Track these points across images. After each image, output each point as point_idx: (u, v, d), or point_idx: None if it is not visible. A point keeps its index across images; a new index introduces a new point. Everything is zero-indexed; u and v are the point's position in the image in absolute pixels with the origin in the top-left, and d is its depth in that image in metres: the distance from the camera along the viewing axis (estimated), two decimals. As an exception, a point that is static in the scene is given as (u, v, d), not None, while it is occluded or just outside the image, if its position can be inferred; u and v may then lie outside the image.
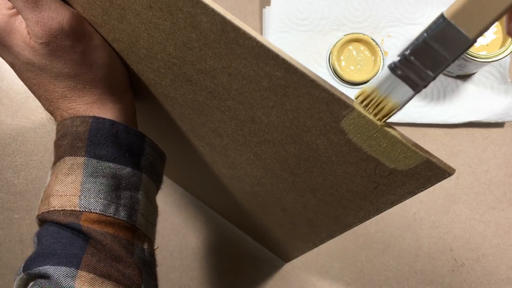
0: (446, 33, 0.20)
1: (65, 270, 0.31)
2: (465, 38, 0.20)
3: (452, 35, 0.20)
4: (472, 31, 0.20)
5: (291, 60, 0.22)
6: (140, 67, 0.35)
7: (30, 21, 0.31)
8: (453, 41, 0.20)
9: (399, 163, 0.23)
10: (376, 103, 0.22)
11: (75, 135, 0.34)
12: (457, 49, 0.20)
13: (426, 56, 0.20)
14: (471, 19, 0.19)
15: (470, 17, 0.19)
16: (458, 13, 0.19)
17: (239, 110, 0.30)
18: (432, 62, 0.20)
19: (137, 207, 0.36)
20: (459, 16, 0.20)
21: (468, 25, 0.20)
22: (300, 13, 0.67)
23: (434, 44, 0.20)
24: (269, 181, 0.38)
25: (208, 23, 0.23)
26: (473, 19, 0.19)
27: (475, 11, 0.19)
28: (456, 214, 0.66)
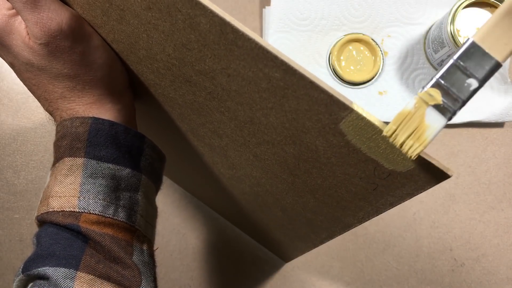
0: (474, 57, 0.20)
1: (64, 271, 0.31)
2: (494, 61, 0.20)
3: (480, 58, 0.20)
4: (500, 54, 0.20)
5: (290, 61, 0.22)
6: (139, 67, 0.35)
7: (29, 21, 0.31)
8: (480, 64, 0.20)
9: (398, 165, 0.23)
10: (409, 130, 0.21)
11: (75, 136, 0.34)
12: (486, 72, 0.20)
13: (454, 79, 0.21)
14: (498, 43, 0.20)
15: (497, 40, 0.20)
16: (486, 37, 0.20)
17: (238, 111, 0.30)
18: (460, 86, 0.21)
19: (136, 208, 0.36)
20: (487, 40, 0.20)
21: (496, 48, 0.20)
22: (300, 13, 0.66)
23: (463, 68, 0.20)
24: (269, 182, 0.38)
25: (207, 24, 0.23)
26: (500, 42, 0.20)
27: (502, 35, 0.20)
28: (456, 214, 0.66)
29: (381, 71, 0.66)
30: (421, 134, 0.21)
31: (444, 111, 0.21)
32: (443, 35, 0.60)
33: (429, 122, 0.21)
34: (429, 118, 0.21)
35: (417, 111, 0.21)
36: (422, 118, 0.21)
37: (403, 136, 0.21)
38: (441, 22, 0.62)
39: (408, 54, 0.66)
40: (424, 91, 0.21)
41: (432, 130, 0.21)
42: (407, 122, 0.21)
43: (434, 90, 0.21)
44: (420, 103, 0.21)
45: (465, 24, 0.60)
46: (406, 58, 0.66)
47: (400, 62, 0.66)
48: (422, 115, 0.21)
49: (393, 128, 0.21)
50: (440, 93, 0.21)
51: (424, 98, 0.21)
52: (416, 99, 0.21)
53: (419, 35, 0.67)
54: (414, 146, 0.21)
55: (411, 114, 0.21)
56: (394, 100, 0.66)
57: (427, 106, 0.21)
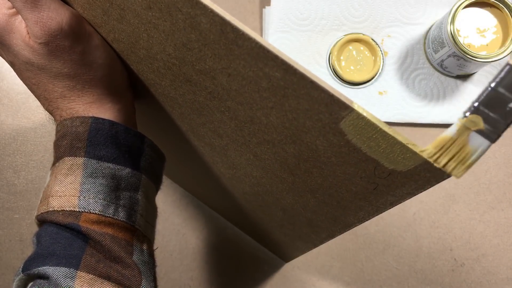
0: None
1: (64, 270, 0.31)
2: None
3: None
4: None
5: (290, 61, 0.22)
6: (139, 67, 0.35)
7: (29, 21, 0.31)
8: None
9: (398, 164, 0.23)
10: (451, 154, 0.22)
11: (75, 136, 0.34)
12: None
13: (495, 103, 0.21)
14: None
15: None
16: None
17: (238, 111, 0.30)
18: (501, 109, 0.21)
19: (136, 208, 0.36)
20: None
21: None
22: (300, 13, 0.67)
23: (503, 91, 0.20)
24: (269, 182, 0.38)
25: (207, 24, 0.23)
26: None
27: None
28: (456, 214, 0.66)
29: (381, 71, 0.66)
30: (465, 157, 0.22)
31: (487, 135, 0.21)
32: (443, 35, 0.60)
33: (473, 146, 0.21)
34: (472, 142, 0.21)
35: (459, 136, 0.21)
36: (466, 143, 0.21)
37: (445, 158, 0.22)
38: (441, 22, 0.62)
39: (408, 54, 0.67)
40: (465, 118, 0.21)
41: (476, 153, 0.21)
42: (449, 146, 0.22)
43: (476, 116, 0.21)
44: (462, 128, 0.21)
45: (465, 24, 0.61)
46: (406, 58, 0.66)
47: (400, 62, 0.67)
48: (465, 140, 0.21)
49: (434, 151, 0.22)
50: (481, 119, 0.21)
51: (466, 124, 0.21)
52: (458, 126, 0.21)
53: (419, 35, 0.67)
54: (458, 168, 0.22)
55: (454, 139, 0.21)
56: (394, 100, 0.66)
57: (470, 131, 0.21)
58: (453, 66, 0.62)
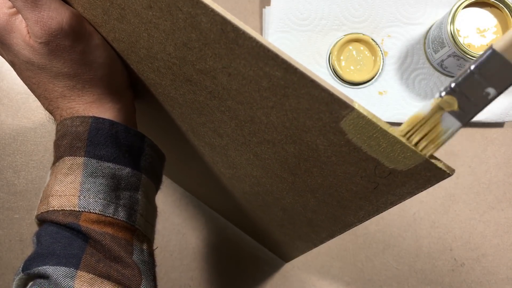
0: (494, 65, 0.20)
1: (64, 270, 0.31)
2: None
3: (500, 67, 0.20)
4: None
5: (290, 60, 0.22)
6: (140, 67, 0.35)
7: (29, 20, 0.31)
8: (501, 73, 0.20)
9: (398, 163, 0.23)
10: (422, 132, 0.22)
11: (75, 135, 0.34)
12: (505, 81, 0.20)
13: (472, 87, 0.21)
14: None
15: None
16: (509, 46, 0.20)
17: (239, 110, 0.30)
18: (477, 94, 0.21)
19: (136, 208, 0.36)
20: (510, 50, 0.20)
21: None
22: (300, 13, 0.67)
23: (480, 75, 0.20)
24: (269, 181, 0.38)
25: (208, 23, 0.23)
26: None
27: None
28: (456, 214, 0.66)
29: (381, 71, 0.66)
30: (436, 137, 0.22)
31: (460, 117, 0.21)
32: (443, 35, 0.60)
33: (444, 126, 0.21)
34: (444, 123, 0.21)
35: (432, 115, 0.21)
36: (438, 122, 0.21)
37: (417, 137, 0.22)
38: (441, 22, 0.62)
39: (408, 54, 0.67)
40: (440, 98, 0.21)
41: (447, 133, 0.22)
42: (422, 125, 0.22)
43: (451, 97, 0.21)
44: (436, 108, 0.21)
45: (465, 24, 0.61)
46: (406, 58, 0.66)
47: (400, 62, 0.67)
48: (437, 120, 0.21)
49: (407, 129, 0.22)
50: (456, 100, 0.21)
51: (440, 104, 0.21)
52: (432, 105, 0.21)
53: (419, 35, 0.67)
54: (428, 146, 0.22)
55: (427, 118, 0.22)
56: (394, 100, 0.66)
57: (443, 111, 0.21)
58: (453, 66, 0.62)
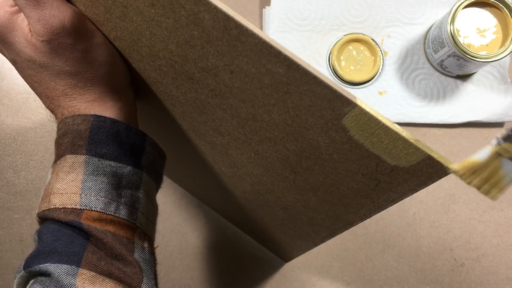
0: None
1: (66, 268, 0.31)
2: None
3: None
4: None
5: (293, 56, 0.22)
6: (141, 65, 0.35)
7: (31, 18, 0.31)
8: None
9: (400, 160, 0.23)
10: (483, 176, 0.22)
11: (76, 134, 0.34)
12: None
13: None
14: None
15: None
16: None
17: (240, 108, 0.30)
18: None
19: (137, 206, 0.36)
20: None
21: None
22: (300, 13, 0.67)
23: None
24: (270, 180, 0.38)
25: (210, 20, 0.24)
26: None
27: None
28: (456, 214, 0.66)
29: (381, 71, 0.66)
30: (498, 181, 0.22)
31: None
32: (443, 35, 0.60)
33: (505, 171, 0.22)
34: (505, 168, 0.22)
35: (492, 162, 0.22)
36: (498, 168, 0.22)
37: (477, 180, 0.22)
38: (441, 22, 0.62)
39: (408, 54, 0.67)
40: (498, 145, 0.21)
41: (508, 177, 0.22)
42: (482, 171, 0.22)
43: (510, 145, 0.21)
44: (495, 155, 0.22)
45: (465, 24, 0.61)
46: (406, 58, 0.67)
47: (400, 62, 0.67)
48: (497, 165, 0.22)
49: (462, 171, 0.22)
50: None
51: (499, 151, 0.22)
52: (491, 152, 0.22)
53: (419, 35, 0.67)
54: (492, 191, 0.23)
55: (486, 164, 0.22)
56: (394, 100, 0.66)
57: (502, 157, 0.22)
58: (453, 66, 0.62)
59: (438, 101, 0.66)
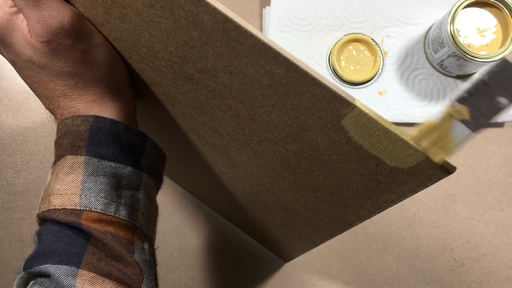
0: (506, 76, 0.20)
1: (66, 268, 0.31)
2: None
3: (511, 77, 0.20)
4: None
5: (292, 58, 0.22)
6: (141, 66, 0.35)
7: (31, 19, 0.31)
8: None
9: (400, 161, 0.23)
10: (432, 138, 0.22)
11: (76, 134, 0.34)
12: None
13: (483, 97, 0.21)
14: None
15: None
16: None
17: (240, 109, 0.30)
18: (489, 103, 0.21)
19: (137, 207, 0.36)
20: None
21: None
22: (300, 13, 0.67)
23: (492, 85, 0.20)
24: (270, 180, 0.38)
25: (209, 21, 0.23)
26: None
27: None
28: (456, 214, 0.66)
29: (381, 71, 0.66)
30: (446, 144, 0.22)
31: (471, 125, 0.21)
32: (443, 35, 0.60)
33: (455, 134, 0.22)
34: (455, 131, 0.22)
35: (443, 123, 0.22)
36: (448, 130, 0.22)
37: (426, 142, 0.22)
38: (441, 22, 0.62)
39: (408, 54, 0.67)
40: (451, 106, 0.21)
41: (457, 141, 0.22)
42: (432, 132, 0.22)
43: (462, 106, 0.21)
44: (447, 116, 0.21)
45: (465, 24, 0.61)
46: (406, 58, 0.67)
47: (400, 62, 0.67)
48: (448, 127, 0.22)
49: (418, 136, 0.22)
50: (467, 109, 0.21)
51: (451, 112, 0.21)
52: (443, 113, 0.21)
53: (419, 35, 0.67)
54: (439, 153, 0.22)
55: (437, 125, 0.22)
56: (394, 100, 0.66)
57: (454, 119, 0.21)
58: (453, 66, 0.62)
59: (438, 101, 0.66)
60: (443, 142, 0.22)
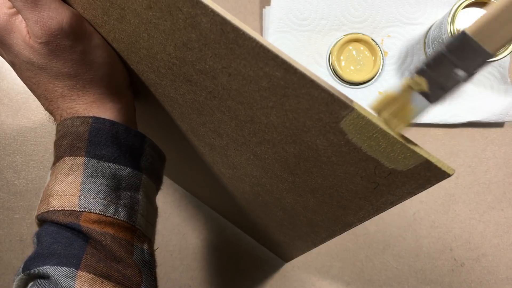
0: (465, 48, 0.20)
1: (65, 270, 0.31)
2: (485, 53, 0.20)
3: (471, 50, 0.20)
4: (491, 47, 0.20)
5: (290, 60, 0.22)
6: (140, 67, 0.35)
7: (29, 20, 0.31)
8: (471, 56, 0.20)
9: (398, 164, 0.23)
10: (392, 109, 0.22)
11: (75, 135, 0.34)
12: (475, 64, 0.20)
13: (442, 69, 0.21)
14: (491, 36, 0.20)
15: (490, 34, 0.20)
16: (480, 30, 0.20)
17: (239, 110, 0.30)
18: (447, 75, 0.21)
19: (137, 208, 0.36)
20: (480, 33, 0.20)
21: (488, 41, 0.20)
22: (300, 13, 0.67)
23: (451, 58, 0.21)
24: (269, 181, 0.38)
25: (208, 23, 0.23)
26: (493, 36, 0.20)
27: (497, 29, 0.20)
28: (456, 214, 0.66)
29: (381, 71, 0.66)
30: (405, 115, 0.22)
31: (429, 97, 0.21)
32: (443, 35, 0.60)
33: (414, 106, 0.22)
34: (414, 102, 0.22)
35: (403, 94, 0.22)
36: (408, 101, 0.22)
37: (386, 113, 0.22)
38: (441, 22, 0.62)
39: (408, 54, 0.67)
40: (411, 78, 0.21)
41: (415, 112, 0.22)
42: (392, 103, 0.22)
43: (421, 78, 0.21)
44: (406, 87, 0.22)
45: (465, 24, 0.61)
46: (406, 58, 0.66)
47: (400, 62, 0.67)
48: (407, 99, 0.22)
49: (378, 107, 0.23)
50: (426, 81, 0.21)
51: (410, 84, 0.21)
52: (402, 85, 0.22)
53: (419, 35, 0.67)
54: (398, 124, 0.22)
55: (397, 96, 0.22)
56: (394, 100, 0.66)
57: (413, 91, 0.21)
58: (453, 66, 0.62)
59: (438, 101, 0.66)
60: (402, 113, 0.22)
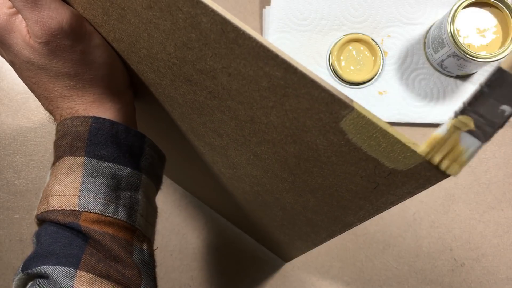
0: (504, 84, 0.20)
1: (64, 270, 0.31)
2: None
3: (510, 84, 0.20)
4: None
5: (290, 60, 0.22)
6: (140, 67, 0.35)
7: (29, 20, 0.31)
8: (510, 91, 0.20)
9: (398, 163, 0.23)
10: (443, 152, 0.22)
11: (75, 135, 0.34)
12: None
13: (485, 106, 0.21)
14: None
15: None
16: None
17: (239, 110, 0.30)
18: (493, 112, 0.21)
19: (136, 208, 0.36)
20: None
21: None
22: (300, 13, 0.67)
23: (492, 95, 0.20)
24: (269, 181, 0.38)
25: (208, 23, 0.23)
26: None
27: None
28: (456, 214, 0.66)
29: (381, 71, 0.66)
30: (458, 156, 0.22)
31: (478, 136, 0.21)
32: (443, 35, 0.60)
33: (464, 146, 0.21)
34: (464, 142, 0.21)
35: (450, 136, 0.21)
36: (457, 142, 0.21)
37: (438, 157, 0.22)
38: (441, 22, 0.62)
39: (408, 54, 0.67)
40: (455, 118, 0.21)
41: (468, 152, 0.22)
42: (441, 146, 0.22)
43: (466, 117, 0.21)
44: (452, 128, 0.21)
45: (465, 24, 0.61)
46: (406, 58, 0.66)
47: (400, 62, 0.67)
48: (456, 139, 0.21)
49: (427, 150, 0.22)
50: (472, 120, 0.21)
51: (456, 124, 0.21)
52: (448, 126, 0.21)
53: (419, 35, 0.67)
54: (452, 166, 0.22)
55: (445, 138, 0.22)
56: (394, 100, 0.66)
57: (460, 131, 0.21)
58: (453, 66, 0.62)
59: (438, 101, 0.66)
60: (454, 154, 0.22)
